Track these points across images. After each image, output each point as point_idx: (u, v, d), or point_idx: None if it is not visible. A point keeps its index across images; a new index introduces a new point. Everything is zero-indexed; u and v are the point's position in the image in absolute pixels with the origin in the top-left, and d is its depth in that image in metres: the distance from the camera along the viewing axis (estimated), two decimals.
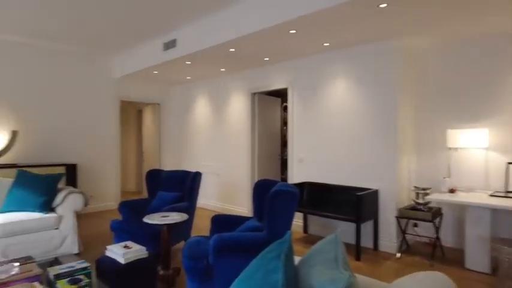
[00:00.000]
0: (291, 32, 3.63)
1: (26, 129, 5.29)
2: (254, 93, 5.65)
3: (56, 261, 2.67)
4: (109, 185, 6.25)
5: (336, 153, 4.44)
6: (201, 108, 6.58)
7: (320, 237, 4.52)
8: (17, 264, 2.33)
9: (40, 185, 3.72)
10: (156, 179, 4.31)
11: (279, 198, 2.40)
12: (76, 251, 3.65)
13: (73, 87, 5.78)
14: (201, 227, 5.03)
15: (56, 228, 3.60)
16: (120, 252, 2.57)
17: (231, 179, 5.96)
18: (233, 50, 4.33)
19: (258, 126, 5.68)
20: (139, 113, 8.47)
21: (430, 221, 3.55)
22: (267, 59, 4.83)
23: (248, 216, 3.21)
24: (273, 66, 5.21)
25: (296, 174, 4.90)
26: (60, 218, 3.63)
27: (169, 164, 7.21)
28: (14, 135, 5.07)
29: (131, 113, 8.64)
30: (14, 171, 4.70)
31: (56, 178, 3.87)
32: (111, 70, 6.25)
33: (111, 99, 6.27)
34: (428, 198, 3.64)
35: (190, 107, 6.87)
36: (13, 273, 2.23)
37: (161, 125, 7.22)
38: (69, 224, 3.66)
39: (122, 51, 5.85)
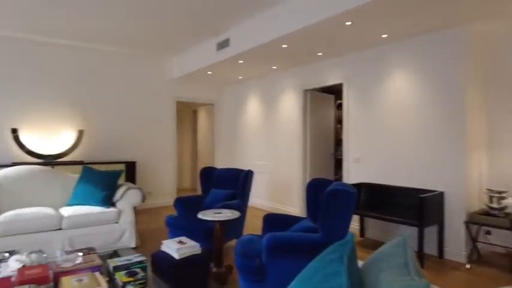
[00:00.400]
0: (347, 23, 3.45)
1: (91, 128, 5.68)
2: (306, 90, 5.50)
3: (115, 254, 2.77)
4: (166, 182, 6.49)
5: (396, 152, 4.15)
6: (253, 107, 6.58)
7: (378, 242, 4.25)
8: (81, 254, 2.46)
9: (102, 181, 3.94)
10: (210, 176, 4.36)
11: (336, 198, 2.26)
12: (133, 245, 3.80)
13: (133, 89, 6.10)
14: (253, 226, 5.00)
15: (116, 222, 3.78)
16: (174, 247, 2.61)
17: (282, 178, 5.87)
18: (286, 46, 4.24)
19: (310, 125, 5.52)
20: (195, 113, 8.72)
21: (508, 229, 3.15)
22: (321, 54, 4.67)
23: (300, 216, 3.10)
24: (327, 61, 5.03)
25: (352, 175, 4.67)
26: (119, 213, 3.81)
27: (222, 162, 7.31)
28: (81, 134, 5.46)
29: (187, 113, 8.93)
30: (80, 167, 5.07)
31: (117, 174, 4.07)
32: (168, 72, 6.50)
33: (168, 100, 6.51)
34: (505, 202, 3.24)
35: (242, 107, 6.90)
36: (78, 262, 2.35)
37: (214, 124, 7.35)
38: (127, 218, 3.83)
39: (178, 53, 6.05)
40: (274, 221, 3.01)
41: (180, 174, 8.74)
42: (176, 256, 2.57)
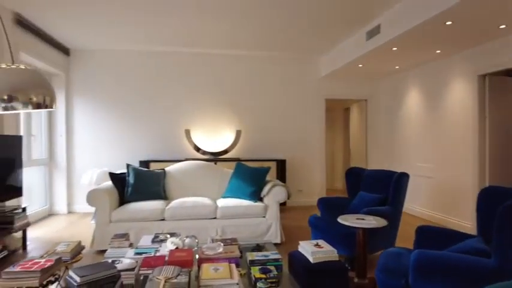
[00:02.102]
0: None
1: (247, 129, 6.16)
2: (483, 76, 4.41)
3: (257, 247, 2.83)
4: (315, 181, 6.44)
5: None
6: (412, 101, 5.77)
7: None
8: (222, 244, 2.61)
9: (251, 177, 4.17)
10: (357, 178, 4.02)
11: None
12: (278, 240, 3.86)
13: (284, 91, 6.31)
14: (409, 236, 4.34)
15: (263, 217, 3.92)
16: (309, 250, 2.46)
17: (448, 183, 4.90)
18: (450, 22, 3.48)
19: (490, 117, 4.40)
20: (346, 111, 8.37)
21: None
22: (504, 26, 3.63)
23: (468, 233, 2.44)
24: None
25: None
26: (266, 207, 3.94)
27: (376, 163, 6.73)
28: (238, 134, 6.00)
29: (338, 111, 8.67)
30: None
31: (264, 171, 4.24)
32: (316, 69, 6.42)
33: (317, 98, 6.44)
34: None
35: (399, 101, 6.16)
36: (218, 251, 2.50)
37: (368, 122, 6.83)
38: (273, 214, 3.92)
39: (325, 50, 5.89)
40: (430, 235, 2.47)
41: (331, 174, 8.54)
42: (311, 259, 2.42)
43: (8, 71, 1.41)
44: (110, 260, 2.24)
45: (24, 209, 3.72)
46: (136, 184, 4.02)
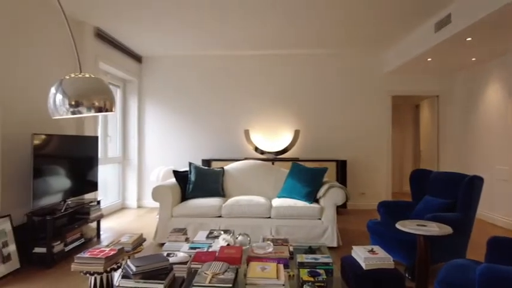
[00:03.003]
0: None
1: (306, 128, 6.07)
2: None
3: (309, 250, 2.78)
4: (380, 183, 6.10)
5: None
6: (493, 96, 5.15)
7: None
8: (271, 244, 2.60)
9: (307, 177, 4.09)
10: (422, 181, 3.71)
11: None
12: (335, 244, 3.73)
13: (344, 88, 6.09)
14: (483, 247, 3.88)
15: (319, 219, 3.83)
16: (362, 256, 2.34)
17: None
18: None
19: None
20: (416, 108, 7.79)
21: None
22: None
23: None
24: None
25: None
26: (322, 209, 3.84)
27: (449, 165, 6.15)
28: (297, 133, 5.94)
29: (406, 108, 8.11)
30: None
31: (321, 172, 4.13)
32: (380, 65, 6.08)
33: (382, 95, 6.09)
34: None
35: (477, 96, 5.55)
36: (268, 251, 2.50)
37: (440, 119, 6.27)
38: (329, 216, 3.80)
39: (389, 44, 5.54)
40: (505, 248, 2.18)
41: (400, 176, 8.02)
42: (363, 266, 2.29)
43: (75, 80, 1.57)
44: (165, 253, 2.38)
45: (98, 202, 4.12)
46: (197, 181, 4.21)
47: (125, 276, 2.00)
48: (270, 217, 3.85)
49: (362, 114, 6.10)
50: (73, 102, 1.53)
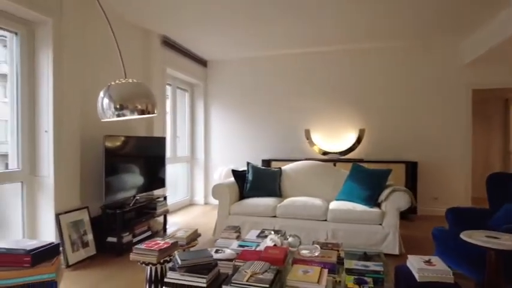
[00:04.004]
0: None
1: (371, 127, 5.76)
2: None
3: (364, 256, 2.65)
4: (456, 187, 5.51)
5: None
6: None
7: None
8: (319, 247, 2.53)
9: (368, 180, 3.88)
10: (502, 186, 3.26)
11: None
12: (396, 251, 3.47)
13: (414, 83, 5.63)
14: None
15: (380, 224, 3.61)
16: (416, 266, 2.15)
17: None
18: None
19: None
20: (506, 102, 6.85)
21: None
22: None
23: None
24: None
25: None
26: (383, 214, 3.61)
27: None
28: (361, 133, 5.67)
29: (493, 103, 7.17)
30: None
31: (384, 174, 3.89)
32: (456, 56, 5.47)
33: (460, 89, 5.48)
34: None
35: None
36: (315, 254, 2.44)
37: None
38: (391, 222, 3.56)
39: (467, 32, 4.95)
40: None
41: (483, 180, 7.12)
42: (416, 277, 2.11)
43: (120, 85, 1.73)
44: (214, 249, 2.48)
45: (165, 198, 4.45)
46: (254, 181, 4.28)
47: (171, 268, 2.13)
48: (326, 220, 3.74)
49: (436, 110, 5.56)
50: (118, 106, 1.68)
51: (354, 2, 3.92)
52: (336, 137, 5.90)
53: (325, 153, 5.80)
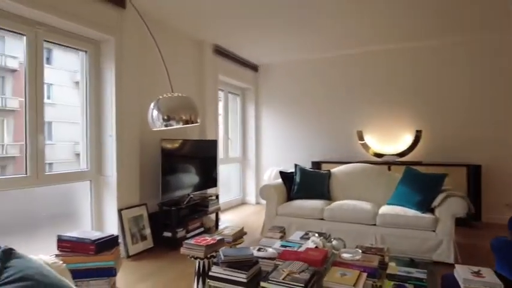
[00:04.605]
0: None
1: (430, 129, 5.45)
2: None
3: (411, 263, 2.58)
4: None
5: None
6: None
7: None
8: (361, 251, 2.51)
9: (421, 184, 3.72)
10: None
11: None
12: (451, 260, 3.28)
13: (475, 79, 5.21)
14: None
15: (433, 231, 3.43)
16: (462, 277, 2.04)
17: None
18: None
19: None
20: None
21: None
22: None
23: None
24: None
25: None
26: (436, 221, 3.43)
27: None
28: (418, 134, 5.39)
29: None
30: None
31: (438, 178, 3.69)
32: None
33: None
34: None
35: None
36: (356, 258, 2.42)
37: None
38: (445, 228, 3.36)
39: None
40: None
41: None
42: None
43: (167, 99, 1.95)
44: (257, 248, 2.59)
45: (217, 197, 4.68)
46: (302, 183, 4.32)
47: (215, 263, 2.29)
48: (375, 224, 3.65)
49: (502, 110, 5.08)
50: (165, 117, 1.88)
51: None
52: (390, 139, 5.69)
53: (379, 155, 5.61)
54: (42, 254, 1.48)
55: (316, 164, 5.69)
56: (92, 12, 3.34)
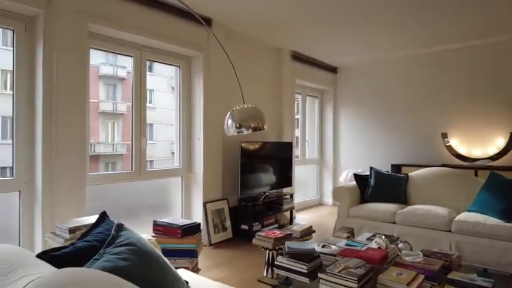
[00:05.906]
0: None
1: None
2: None
3: (483, 273, 2.54)
4: None
5: None
6: None
7: None
8: (421, 254, 2.53)
9: (506, 191, 3.47)
10: None
11: None
12: None
13: None
14: None
15: None
16: None
17: None
18: None
19: None
20: None
21: None
22: None
23: None
24: None
25: None
26: None
27: None
28: None
29: None
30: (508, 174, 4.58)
31: None
32: None
33: None
34: None
35: None
36: (416, 260, 2.47)
37: None
38: None
39: None
40: None
41: None
42: None
43: (240, 110, 2.32)
44: (321, 244, 2.81)
45: (291, 196, 4.98)
46: (376, 186, 4.34)
47: (280, 254, 2.60)
48: (450, 231, 3.53)
49: None
50: (238, 125, 2.25)
51: None
52: (479, 142, 5.24)
53: (465, 158, 5.24)
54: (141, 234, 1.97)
55: (396, 167, 5.56)
56: (185, 33, 3.95)
